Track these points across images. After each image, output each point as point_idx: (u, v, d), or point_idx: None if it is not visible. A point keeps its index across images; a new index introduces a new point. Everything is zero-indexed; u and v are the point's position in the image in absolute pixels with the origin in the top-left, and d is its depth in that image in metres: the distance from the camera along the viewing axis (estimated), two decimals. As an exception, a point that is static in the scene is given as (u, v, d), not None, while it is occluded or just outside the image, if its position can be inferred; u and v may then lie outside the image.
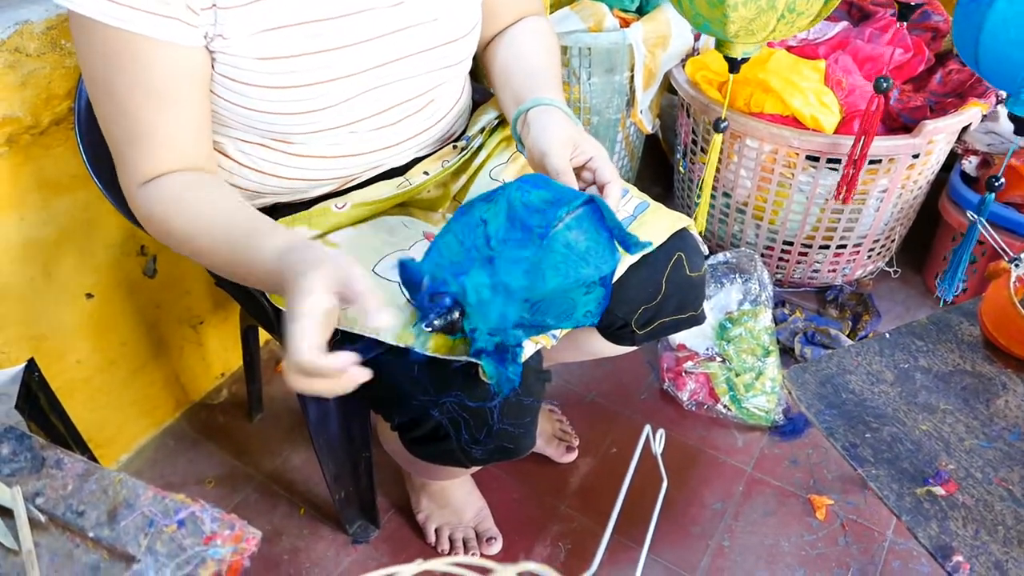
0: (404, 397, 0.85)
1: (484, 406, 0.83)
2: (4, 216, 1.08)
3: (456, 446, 0.86)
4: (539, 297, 0.77)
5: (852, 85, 1.52)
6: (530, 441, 0.90)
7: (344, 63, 0.84)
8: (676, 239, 1.00)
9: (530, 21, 1.06)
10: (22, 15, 1.00)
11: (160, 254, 1.33)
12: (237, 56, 0.79)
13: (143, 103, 0.78)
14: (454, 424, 0.84)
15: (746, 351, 1.52)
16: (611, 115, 1.75)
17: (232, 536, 0.57)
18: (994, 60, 1.11)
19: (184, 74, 0.78)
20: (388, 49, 0.87)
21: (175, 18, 0.74)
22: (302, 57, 0.81)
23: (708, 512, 1.33)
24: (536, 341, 0.86)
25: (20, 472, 0.64)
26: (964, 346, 1.07)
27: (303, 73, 0.82)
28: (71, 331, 1.23)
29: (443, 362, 0.81)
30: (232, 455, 1.44)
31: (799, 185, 1.56)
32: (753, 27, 1.16)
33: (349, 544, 1.29)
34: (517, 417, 0.86)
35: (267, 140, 0.90)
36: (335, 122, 0.88)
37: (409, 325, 0.81)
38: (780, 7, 1.13)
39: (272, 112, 0.84)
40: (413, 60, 0.90)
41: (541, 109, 0.90)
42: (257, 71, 0.80)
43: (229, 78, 0.81)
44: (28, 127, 1.04)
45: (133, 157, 0.81)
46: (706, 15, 1.18)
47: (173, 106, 0.79)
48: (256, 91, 0.82)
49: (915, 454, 0.93)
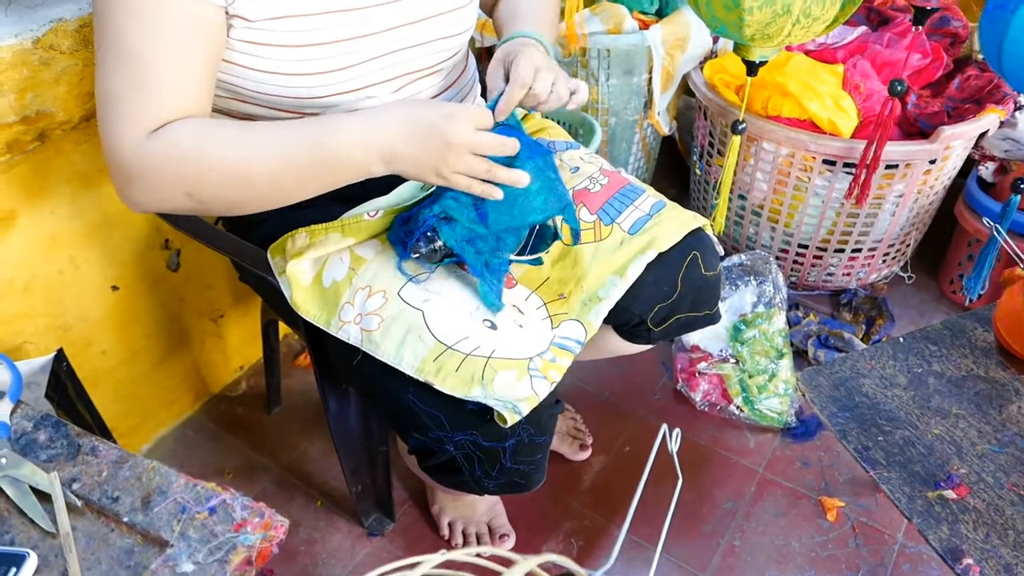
0: (422, 428, 0.88)
1: (498, 446, 0.86)
2: (35, 209, 1.10)
3: (469, 478, 0.89)
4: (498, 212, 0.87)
5: (870, 90, 1.53)
6: (541, 476, 0.93)
7: (354, 25, 0.86)
8: (692, 238, 1.01)
9: None
10: (56, 13, 1.02)
11: (184, 248, 1.35)
12: (255, 15, 0.80)
13: (155, 48, 0.76)
14: (468, 460, 0.87)
15: (760, 353, 1.53)
16: (629, 116, 1.76)
17: (262, 524, 0.59)
18: (1018, 65, 1.12)
19: (201, 28, 0.78)
20: (395, 15, 0.89)
21: None
22: (315, 16, 0.83)
23: (720, 511, 1.34)
24: (552, 380, 0.87)
25: (57, 458, 0.66)
26: (978, 352, 1.08)
27: (316, 32, 0.84)
28: (97, 322, 1.26)
29: (460, 401, 0.83)
30: (250, 447, 1.47)
31: (815, 189, 1.57)
32: (769, 31, 1.17)
33: (364, 536, 1.31)
34: (529, 455, 0.89)
35: (285, 113, 0.91)
36: (349, 85, 0.89)
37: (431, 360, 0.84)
38: (796, 12, 1.14)
39: (288, 73, 0.85)
40: (417, 27, 0.92)
41: (518, 40, 0.96)
42: (273, 30, 0.81)
43: (247, 41, 0.82)
44: (61, 122, 1.07)
45: (138, 106, 0.77)
46: (722, 18, 1.19)
47: (185, 54, 0.78)
48: (273, 51, 0.83)
49: (927, 458, 0.94)
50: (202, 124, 0.80)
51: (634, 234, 0.98)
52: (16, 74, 0.99)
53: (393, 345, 0.86)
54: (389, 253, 0.94)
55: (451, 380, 0.83)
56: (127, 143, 0.78)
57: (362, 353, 0.88)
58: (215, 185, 0.79)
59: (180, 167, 0.78)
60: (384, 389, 0.90)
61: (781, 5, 1.14)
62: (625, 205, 1.02)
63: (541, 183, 0.86)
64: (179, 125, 0.78)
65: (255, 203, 0.83)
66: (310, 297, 0.92)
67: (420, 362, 0.84)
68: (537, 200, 0.86)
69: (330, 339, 0.92)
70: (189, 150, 0.77)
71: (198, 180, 0.78)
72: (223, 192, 0.80)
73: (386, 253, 0.94)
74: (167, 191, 0.80)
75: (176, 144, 0.77)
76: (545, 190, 0.87)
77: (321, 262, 0.94)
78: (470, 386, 0.83)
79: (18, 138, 1.03)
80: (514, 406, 0.82)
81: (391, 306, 0.87)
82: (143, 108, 0.78)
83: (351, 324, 0.89)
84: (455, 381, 0.83)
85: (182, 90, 0.79)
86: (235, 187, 0.79)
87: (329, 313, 0.91)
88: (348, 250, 0.94)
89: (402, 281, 0.90)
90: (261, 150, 0.78)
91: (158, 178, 0.79)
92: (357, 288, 0.90)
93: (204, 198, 0.80)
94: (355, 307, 0.89)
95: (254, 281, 1.12)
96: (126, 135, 0.78)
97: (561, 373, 0.89)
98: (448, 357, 0.84)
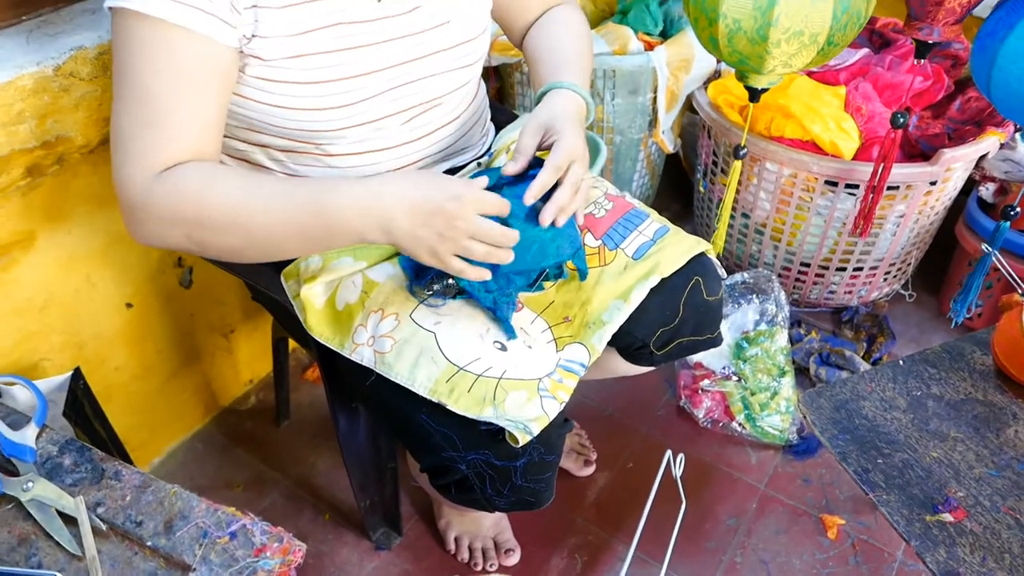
0: (435, 448, 0.90)
1: (509, 465, 0.88)
2: (54, 229, 1.13)
3: (480, 496, 0.91)
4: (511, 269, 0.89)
5: (871, 112, 1.55)
6: (550, 494, 0.95)
7: (366, 62, 0.89)
8: (694, 263, 1.03)
9: (560, 11, 1.11)
10: (76, 41, 1.05)
11: (196, 265, 1.38)
12: (271, 55, 0.83)
13: (168, 88, 0.79)
14: (479, 478, 0.89)
15: (762, 371, 1.55)
16: (634, 135, 1.78)
17: (280, 548, 0.61)
18: (1004, 93, 1.14)
19: (213, 69, 0.81)
20: (406, 50, 0.92)
21: (215, 15, 0.78)
22: (329, 54, 0.86)
23: (722, 528, 1.36)
24: (561, 400, 0.89)
25: (82, 483, 0.68)
26: (976, 375, 1.10)
27: (329, 69, 0.87)
28: (111, 339, 1.29)
29: (473, 421, 0.85)
30: (259, 460, 1.49)
31: (817, 208, 1.59)
32: (793, 62, 1.17)
33: (372, 550, 1.33)
34: (539, 473, 0.91)
35: (297, 143, 0.94)
36: (360, 118, 0.92)
37: (443, 381, 0.86)
38: (821, 41, 1.14)
39: (301, 108, 0.88)
40: (430, 60, 0.95)
41: (552, 92, 0.96)
42: (289, 68, 0.85)
43: (261, 78, 0.85)
44: (79, 146, 1.09)
45: (148, 144, 0.80)
46: (746, 52, 1.18)
47: (197, 96, 0.80)
48: (287, 87, 0.86)
49: (925, 480, 0.96)
50: (209, 171, 0.81)
51: (638, 259, 1.00)
52: (37, 101, 1.01)
53: (406, 367, 0.88)
54: (400, 276, 0.96)
55: (463, 401, 0.85)
56: (135, 181, 0.81)
57: (375, 374, 0.91)
58: (214, 232, 0.81)
59: (182, 211, 0.80)
60: (397, 409, 0.92)
61: (809, 36, 1.13)
62: (629, 230, 1.04)
63: (555, 231, 0.88)
64: (187, 170, 0.80)
65: (252, 254, 0.85)
66: (324, 320, 0.95)
67: (433, 383, 0.86)
68: (551, 247, 0.88)
69: (342, 359, 0.95)
70: (192, 196, 0.79)
71: (198, 226, 0.81)
72: (221, 240, 0.82)
73: (397, 276, 0.96)
74: (168, 231, 0.82)
75: (180, 189, 0.79)
76: (559, 237, 0.89)
77: (334, 286, 0.96)
78: (482, 406, 0.85)
79: (38, 162, 1.05)
80: (525, 426, 0.84)
81: (404, 328, 0.90)
82: (152, 149, 0.80)
83: (364, 346, 0.91)
84: (467, 402, 0.85)
85: (192, 132, 0.81)
86: (233, 237, 0.81)
87: (343, 335, 0.93)
88: (360, 273, 0.96)
89: (414, 303, 0.93)
90: (262, 205, 0.80)
91: (160, 218, 0.81)
92: (370, 311, 0.92)
93: (203, 243, 0.83)
94: (368, 329, 0.91)
95: (267, 302, 1.14)
96: (134, 174, 0.81)
97: (569, 394, 0.91)
98: (460, 378, 0.86)
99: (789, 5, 1.10)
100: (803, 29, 1.12)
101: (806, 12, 1.10)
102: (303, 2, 0.84)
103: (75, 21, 1.10)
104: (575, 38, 1.07)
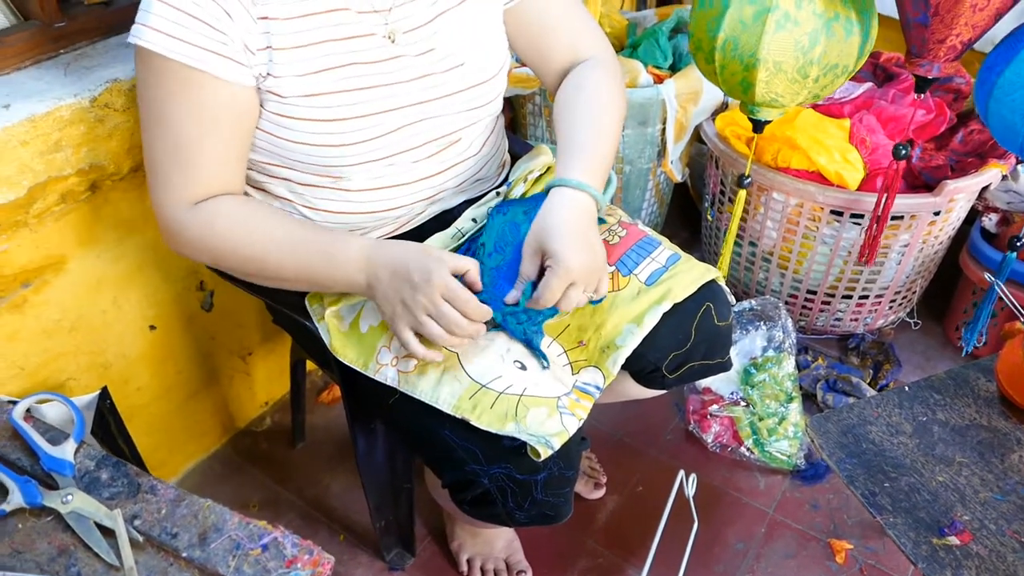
0: (458, 463, 0.93)
1: (530, 479, 0.90)
2: (84, 253, 1.17)
3: (502, 510, 0.94)
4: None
5: (876, 144, 1.59)
6: (568, 508, 0.97)
7: (381, 101, 0.94)
8: (705, 290, 1.06)
9: (590, 75, 1.09)
10: (111, 74, 1.09)
11: (217, 289, 1.41)
12: (287, 92, 0.89)
13: (194, 127, 0.88)
14: (501, 492, 0.92)
15: (770, 396, 1.57)
16: (643, 165, 1.83)
17: (311, 561, 0.64)
18: (1000, 123, 1.18)
19: (233, 109, 0.88)
20: (422, 91, 0.97)
21: (231, 58, 0.85)
22: (343, 94, 0.91)
23: (730, 552, 1.37)
24: (580, 417, 0.93)
25: (118, 496, 0.71)
26: (981, 401, 1.12)
27: (344, 108, 0.92)
28: (134, 360, 1.32)
29: (495, 436, 0.89)
30: (275, 481, 1.51)
31: (823, 237, 1.62)
32: (782, 100, 1.22)
33: (386, 570, 1.35)
34: (559, 488, 0.93)
35: (316, 177, 0.98)
36: (376, 155, 0.97)
37: (466, 398, 0.90)
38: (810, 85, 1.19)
39: (318, 144, 0.93)
40: (443, 101, 0.99)
41: (557, 192, 0.96)
42: (304, 106, 0.90)
43: (278, 114, 0.91)
44: (111, 174, 1.13)
45: (180, 181, 0.90)
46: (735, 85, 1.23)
47: (222, 136, 0.89)
48: (303, 124, 0.91)
49: (932, 504, 0.99)
50: (237, 209, 0.92)
51: (651, 285, 1.03)
52: (74, 131, 1.06)
53: (430, 385, 0.92)
54: None
55: (486, 416, 0.88)
56: (168, 208, 0.92)
57: (398, 393, 0.94)
58: (235, 262, 0.94)
59: (210, 244, 0.92)
60: (421, 427, 0.95)
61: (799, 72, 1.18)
62: (642, 257, 1.07)
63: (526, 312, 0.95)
64: (218, 205, 0.91)
65: (268, 283, 0.97)
66: (348, 342, 0.98)
67: (456, 400, 0.90)
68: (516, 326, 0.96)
69: (363, 379, 0.98)
70: (220, 231, 0.91)
71: (222, 255, 0.93)
72: (240, 268, 0.95)
73: None
74: (196, 254, 0.96)
75: (212, 226, 0.91)
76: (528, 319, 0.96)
77: (357, 309, 0.99)
78: (504, 422, 0.88)
79: (72, 189, 1.10)
80: (547, 440, 0.87)
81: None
82: (181, 183, 0.91)
83: (388, 367, 0.94)
84: (490, 417, 0.88)
85: (218, 170, 0.91)
86: (250, 268, 0.94)
87: (367, 357, 0.96)
88: None
89: None
90: (278, 246, 0.91)
91: (190, 244, 0.93)
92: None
93: (225, 268, 0.97)
94: (391, 350, 0.95)
95: (288, 324, 1.17)
96: (166, 203, 0.92)
97: (587, 412, 0.94)
98: (483, 395, 0.90)
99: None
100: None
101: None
102: (315, 43, 0.89)
103: (110, 54, 1.14)
104: (596, 115, 1.04)
